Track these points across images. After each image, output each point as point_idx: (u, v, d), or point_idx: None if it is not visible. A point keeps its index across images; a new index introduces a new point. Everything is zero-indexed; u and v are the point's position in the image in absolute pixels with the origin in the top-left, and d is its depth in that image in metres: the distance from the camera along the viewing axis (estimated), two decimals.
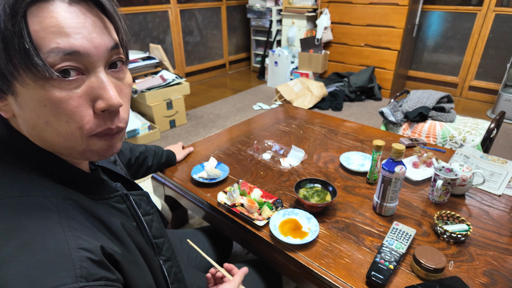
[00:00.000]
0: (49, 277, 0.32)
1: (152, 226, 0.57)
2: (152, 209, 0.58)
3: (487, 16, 3.26)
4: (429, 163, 1.14)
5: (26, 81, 0.35)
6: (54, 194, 0.39)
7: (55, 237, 0.35)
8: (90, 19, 0.37)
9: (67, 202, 0.39)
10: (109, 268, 0.37)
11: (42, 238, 0.34)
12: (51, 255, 0.33)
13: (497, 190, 1.03)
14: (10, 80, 0.35)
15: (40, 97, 0.36)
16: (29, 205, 0.36)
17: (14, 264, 0.32)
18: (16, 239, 0.33)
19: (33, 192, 0.38)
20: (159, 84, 2.73)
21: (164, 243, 0.59)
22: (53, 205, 0.38)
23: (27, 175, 0.39)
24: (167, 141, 2.66)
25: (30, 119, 0.38)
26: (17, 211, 0.35)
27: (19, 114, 0.38)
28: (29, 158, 0.41)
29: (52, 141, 0.40)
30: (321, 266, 0.76)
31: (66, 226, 0.37)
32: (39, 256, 0.33)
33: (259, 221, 0.88)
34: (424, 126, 1.92)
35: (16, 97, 0.36)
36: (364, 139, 1.38)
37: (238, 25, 4.66)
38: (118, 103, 0.39)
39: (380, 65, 3.59)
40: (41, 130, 0.39)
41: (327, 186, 0.98)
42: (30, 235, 0.34)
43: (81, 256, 0.34)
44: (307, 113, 1.69)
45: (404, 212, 0.94)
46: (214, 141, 1.38)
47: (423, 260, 0.71)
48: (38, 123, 0.38)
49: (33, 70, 0.34)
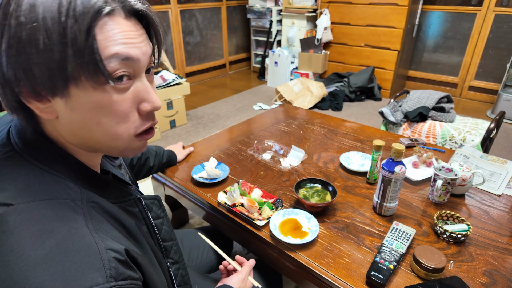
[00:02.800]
0: (83, 277, 0.33)
1: (162, 229, 0.59)
2: (163, 212, 0.59)
3: (487, 16, 3.26)
4: (429, 163, 1.14)
5: (85, 85, 0.37)
6: (79, 197, 0.41)
7: (85, 239, 0.36)
8: (140, 30, 0.41)
9: (90, 205, 0.41)
10: (132, 267, 0.39)
11: (74, 239, 0.36)
12: (84, 256, 0.35)
13: (497, 190, 1.04)
14: (67, 84, 0.37)
15: (96, 100, 0.38)
16: (58, 207, 0.38)
17: (50, 265, 0.33)
18: (49, 240, 0.35)
19: (60, 194, 0.39)
20: (160, 85, 2.73)
21: (173, 246, 0.61)
22: (78, 208, 0.39)
23: (53, 179, 0.41)
24: (167, 141, 2.67)
25: (81, 120, 0.40)
26: (47, 214, 0.37)
27: (65, 115, 0.40)
28: (54, 162, 0.42)
29: (97, 140, 0.42)
30: (321, 266, 0.76)
31: (92, 228, 0.38)
32: (72, 257, 0.34)
33: (259, 221, 0.88)
34: (424, 126, 1.92)
35: (67, 99, 0.38)
36: (364, 139, 1.38)
37: (238, 25, 4.66)
38: (160, 105, 0.44)
39: (380, 65, 3.59)
40: (89, 131, 0.41)
41: (327, 186, 0.98)
42: (62, 236, 0.35)
43: (110, 257, 0.36)
44: (307, 113, 1.69)
45: (404, 212, 0.94)
46: (214, 141, 1.38)
47: (423, 260, 0.71)
48: (89, 124, 0.40)
49: (95, 78, 0.37)
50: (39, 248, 0.34)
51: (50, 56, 0.34)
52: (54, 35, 0.34)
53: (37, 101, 0.38)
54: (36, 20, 0.33)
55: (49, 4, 0.34)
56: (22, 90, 0.37)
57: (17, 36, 0.34)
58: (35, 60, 0.34)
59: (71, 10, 0.34)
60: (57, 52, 0.34)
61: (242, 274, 0.74)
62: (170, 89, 2.78)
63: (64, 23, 0.34)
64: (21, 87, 0.36)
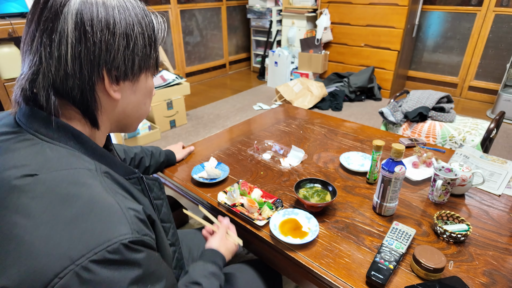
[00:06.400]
0: (112, 229, 0.39)
1: (162, 210, 0.63)
2: (163, 194, 0.64)
3: (486, 16, 3.26)
4: (429, 163, 1.14)
5: (148, 74, 0.54)
6: (94, 167, 0.46)
7: (107, 200, 0.42)
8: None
9: (104, 175, 0.47)
10: (149, 227, 0.46)
11: (98, 201, 0.41)
12: (109, 213, 0.40)
13: (497, 190, 1.04)
14: (141, 72, 0.52)
15: (150, 85, 0.56)
16: (78, 175, 0.43)
17: (81, 222, 0.38)
18: (76, 202, 0.40)
19: (77, 165, 0.44)
20: (160, 85, 2.73)
21: (170, 228, 0.66)
22: (96, 176, 0.45)
23: (68, 152, 0.46)
24: (167, 141, 2.67)
25: (139, 99, 0.54)
26: (70, 180, 0.42)
27: (128, 96, 0.52)
28: (67, 139, 0.47)
29: (138, 116, 0.57)
30: (321, 266, 0.76)
31: (111, 192, 0.44)
32: (99, 214, 0.39)
33: (259, 221, 0.88)
34: (423, 126, 1.92)
35: (135, 83, 0.52)
36: (364, 139, 1.38)
37: (238, 26, 4.66)
38: None
39: (380, 65, 3.60)
40: (139, 109, 0.56)
41: (327, 186, 0.98)
42: (87, 198, 0.40)
43: (131, 215, 0.42)
44: (307, 113, 1.69)
45: (404, 212, 0.94)
46: (214, 141, 1.38)
47: (423, 260, 0.71)
48: (142, 103, 0.56)
49: (153, 70, 0.55)
50: (69, 209, 0.39)
51: (143, 53, 0.50)
52: (148, 42, 0.51)
53: (114, 85, 0.49)
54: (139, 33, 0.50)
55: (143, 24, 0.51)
56: (108, 76, 0.47)
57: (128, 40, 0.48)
58: (137, 55, 0.50)
59: (153, 34, 0.53)
60: (147, 52, 0.51)
61: (218, 234, 0.80)
62: (170, 89, 2.78)
63: (153, 37, 0.52)
64: (110, 72, 0.47)
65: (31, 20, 0.45)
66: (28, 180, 0.40)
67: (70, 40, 0.43)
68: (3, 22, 2.12)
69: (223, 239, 0.79)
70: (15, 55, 2.23)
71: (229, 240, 0.81)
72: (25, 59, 0.46)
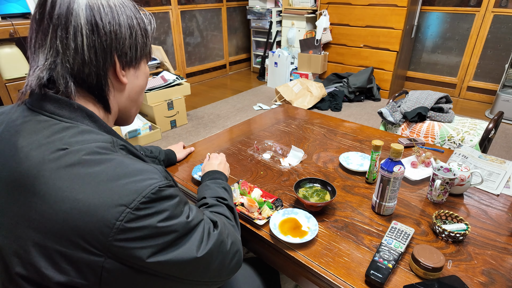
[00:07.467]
0: (147, 178, 0.47)
1: None
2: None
3: (485, 17, 3.27)
4: (428, 163, 1.15)
5: (145, 61, 0.62)
6: (111, 140, 0.52)
7: (135, 160, 0.50)
8: None
9: (121, 147, 0.53)
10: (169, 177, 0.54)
11: (128, 162, 0.48)
12: (141, 167, 0.48)
13: (495, 190, 1.04)
14: (141, 60, 0.60)
15: (147, 70, 0.64)
16: (102, 147, 0.49)
17: (120, 177, 0.45)
18: (111, 163, 0.46)
19: (98, 139, 0.50)
20: (160, 85, 2.73)
21: None
22: (115, 148, 0.51)
23: (87, 129, 0.51)
24: (168, 141, 2.67)
25: (140, 85, 0.62)
26: (98, 150, 0.47)
27: (133, 81, 0.60)
28: (83, 119, 0.52)
29: (138, 104, 0.65)
30: (320, 265, 0.77)
31: (133, 159, 0.50)
32: (132, 168, 0.47)
33: (259, 220, 0.89)
34: (422, 126, 1.93)
35: (137, 69, 0.60)
36: (363, 139, 1.39)
37: (238, 26, 4.67)
38: None
39: (379, 66, 3.60)
40: (141, 94, 0.64)
41: (327, 186, 0.99)
42: (119, 160, 0.47)
43: (158, 167, 0.51)
44: (307, 113, 1.70)
45: (403, 212, 0.95)
46: (215, 141, 1.39)
47: (422, 259, 0.72)
48: (143, 87, 0.64)
49: (149, 58, 0.63)
50: (106, 169, 0.45)
51: (142, 41, 0.58)
52: (144, 33, 0.59)
53: (122, 70, 0.56)
54: (139, 28, 0.58)
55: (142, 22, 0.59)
56: (119, 62, 0.55)
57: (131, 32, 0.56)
58: (139, 43, 0.58)
59: (147, 27, 0.61)
60: (144, 41, 0.59)
61: (205, 160, 1.02)
62: (171, 89, 2.78)
63: (146, 29, 0.60)
64: (121, 58, 0.55)
65: (41, 19, 0.49)
66: (61, 153, 0.46)
67: (84, 32, 0.49)
68: (4, 23, 2.13)
69: (213, 158, 1.00)
70: (16, 55, 2.23)
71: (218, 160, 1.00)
72: (38, 54, 0.50)
